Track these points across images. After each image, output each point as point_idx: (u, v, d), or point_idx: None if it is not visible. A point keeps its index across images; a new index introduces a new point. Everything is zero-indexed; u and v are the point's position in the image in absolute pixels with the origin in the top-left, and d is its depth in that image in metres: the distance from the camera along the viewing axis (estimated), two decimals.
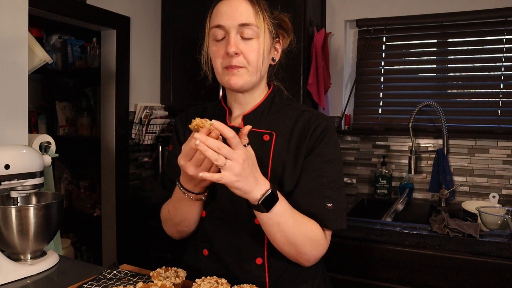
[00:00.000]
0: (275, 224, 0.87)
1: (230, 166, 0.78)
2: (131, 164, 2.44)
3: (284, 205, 0.89)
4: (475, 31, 2.18)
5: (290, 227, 0.89)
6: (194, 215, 1.01)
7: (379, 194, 2.32)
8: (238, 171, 0.79)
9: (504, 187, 2.14)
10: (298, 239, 0.90)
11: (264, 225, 0.89)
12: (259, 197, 0.83)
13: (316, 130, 0.98)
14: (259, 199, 0.83)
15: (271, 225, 0.88)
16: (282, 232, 0.88)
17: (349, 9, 2.42)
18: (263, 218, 0.87)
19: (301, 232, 0.90)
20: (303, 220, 0.92)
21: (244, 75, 0.96)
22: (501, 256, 1.51)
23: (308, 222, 0.93)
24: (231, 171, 0.79)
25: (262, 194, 0.84)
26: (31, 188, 1.15)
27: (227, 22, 0.94)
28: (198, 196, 0.94)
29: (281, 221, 0.88)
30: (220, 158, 0.77)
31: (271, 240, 0.92)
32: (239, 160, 0.79)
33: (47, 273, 1.10)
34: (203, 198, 0.96)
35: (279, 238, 0.90)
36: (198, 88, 2.41)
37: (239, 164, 0.79)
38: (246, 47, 0.95)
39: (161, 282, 0.87)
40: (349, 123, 2.47)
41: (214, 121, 0.80)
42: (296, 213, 0.92)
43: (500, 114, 2.14)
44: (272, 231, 0.89)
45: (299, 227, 0.90)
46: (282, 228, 0.88)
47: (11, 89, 1.36)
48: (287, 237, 0.89)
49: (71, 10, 2.02)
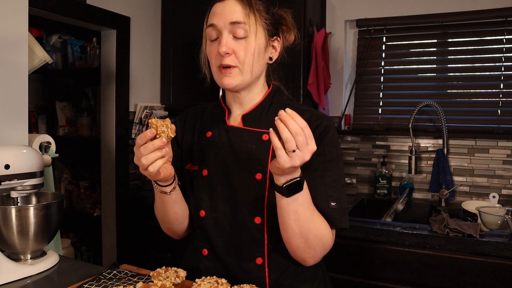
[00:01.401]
0: (293, 211, 0.87)
1: (296, 156, 0.77)
2: (131, 164, 2.43)
3: (306, 196, 0.89)
4: (475, 31, 2.18)
5: (306, 219, 0.89)
6: (179, 210, 1.03)
7: (379, 194, 2.32)
8: (298, 163, 0.78)
9: (504, 187, 2.14)
10: (311, 233, 0.90)
11: (281, 210, 0.88)
12: (284, 181, 0.83)
13: (317, 129, 0.98)
14: (284, 183, 0.83)
15: (288, 211, 0.87)
16: (298, 221, 0.88)
17: (349, 9, 2.42)
18: (283, 203, 0.87)
19: (314, 227, 0.91)
20: (319, 216, 0.93)
21: (237, 75, 0.97)
22: (501, 256, 1.51)
23: (322, 221, 0.93)
24: (293, 161, 0.77)
25: (287, 180, 0.83)
26: (31, 188, 1.15)
27: (218, 22, 0.96)
28: (163, 188, 0.96)
29: (300, 210, 0.87)
30: (293, 142, 0.76)
31: (283, 228, 0.91)
32: (307, 154, 0.78)
33: (47, 273, 1.10)
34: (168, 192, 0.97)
35: (293, 228, 0.89)
36: (198, 88, 2.41)
37: (306, 157, 0.78)
38: (238, 46, 0.96)
39: (161, 282, 0.87)
40: (349, 123, 2.47)
41: (287, 109, 0.80)
42: (314, 209, 0.92)
43: (500, 114, 2.14)
44: (288, 218, 0.88)
45: (313, 222, 0.90)
46: (298, 217, 0.88)
47: (11, 89, 1.36)
48: (301, 228, 0.89)
49: (71, 10, 2.02)
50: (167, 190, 0.97)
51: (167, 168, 0.92)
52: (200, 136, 1.07)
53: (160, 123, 0.86)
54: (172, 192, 0.98)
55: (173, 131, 0.87)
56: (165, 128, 0.86)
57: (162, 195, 0.99)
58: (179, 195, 1.02)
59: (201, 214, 1.03)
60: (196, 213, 1.04)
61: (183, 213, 1.06)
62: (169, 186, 0.97)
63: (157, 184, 0.97)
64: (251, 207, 0.98)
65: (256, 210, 0.97)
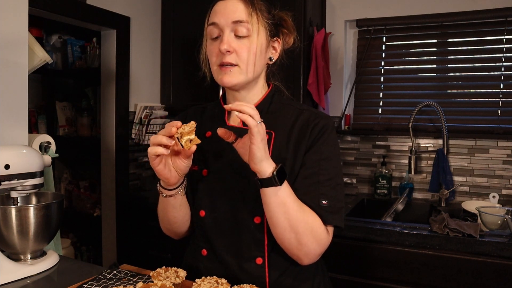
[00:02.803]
0: (281, 204, 0.88)
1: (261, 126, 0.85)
2: (131, 164, 2.43)
3: (290, 188, 0.91)
4: (475, 31, 2.18)
5: (295, 210, 0.89)
6: (178, 215, 1.04)
7: (379, 194, 2.32)
8: (263, 133, 0.85)
9: (504, 187, 2.14)
10: (300, 226, 0.90)
11: (269, 205, 0.89)
12: (272, 170, 0.86)
13: (315, 127, 0.99)
14: (272, 171, 0.86)
15: (277, 204, 0.88)
16: (286, 214, 0.89)
17: (349, 9, 2.42)
18: (270, 196, 0.88)
19: (304, 219, 0.91)
20: (306, 208, 0.93)
21: (237, 74, 0.97)
22: (501, 256, 1.51)
23: (310, 212, 0.93)
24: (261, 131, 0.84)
25: (274, 167, 0.87)
26: (31, 188, 1.15)
27: (220, 20, 0.96)
28: (162, 189, 0.98)
29: (288, 201, 0.88)
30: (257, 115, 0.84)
31: (273, 225, 0.91)
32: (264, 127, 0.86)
33: (47, 273, 1.10)
34: (163, 194, 0.99)
35: (282, 222, 0.89)
36: (198, 88, 2.41)
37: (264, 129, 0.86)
38: (239, 45, 0.96)
39: (161, 282, 0.87)
40: (349, 123, 2.47)
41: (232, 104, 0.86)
42: (300, 201, 0.93)
43: (500, 114, 2.14)
44: (277, 211, 0.89)
45: (302, 213, 0.91)
46: (286, 210, 0.88)
47: (11, 89, 1.36)
48: (290, 221, 0.89)
49: (71, 10, 2.02)
50: (163, 193, 0.99)
51: (171, 170, 0.93)
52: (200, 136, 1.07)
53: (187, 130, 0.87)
54: (169, 198, 0.99)
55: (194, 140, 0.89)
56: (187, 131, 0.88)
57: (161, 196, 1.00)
58: (179, 202, 1.02)
59: (201, 214, 1.03)
60: (196, 213, 1.04)
61: (182, 219, 1.06)
62: (168, 191, 0.98)
63: (159, 183, 0.98)
64: (250, 207, 0.98)
65: (255, 210, 0.97)
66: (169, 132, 0.87)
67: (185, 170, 0.95)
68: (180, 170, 0.94)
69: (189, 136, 0.87)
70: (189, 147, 0.88)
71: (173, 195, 0.98)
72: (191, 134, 0.87)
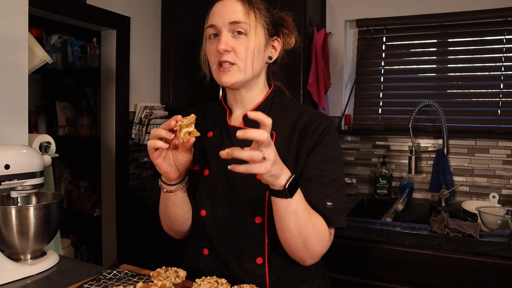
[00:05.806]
0: (293, 212, 0.87)
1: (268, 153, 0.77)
2: (131, 164, 2.43)
3: (301, 194, 0.89)
4: (475, 31, 2.18)
5: (305, 217, 0.89)
6: (179, 213, 1.04)
7: (379, 194, 2.32)
8: (273, 156, 0.78)
9: (504, 187, 2.14)
10: (309, 231, 0.90)
11: (280, 213, 0.88)
12: (284, 182, 0.83)
13: (317, 129, 0.99)
14: (284, 184, 0.83)
15: (288, 213, 0.87)
16: (297, 222, 0.88)
17: (349, 9, 2.42)
18: (282, 205, 0.86)
19: (312, 225, 0.90)
20: (314, 213, 0.93)
21: (235, 73, 0.97)
22: (501, 256, 1.51)
23: (318, 216, 0.93)
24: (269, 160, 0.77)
25: (287, 179, 0.83)
26: (31, 188, 1.15)
27: (218, 22, 0.97)
28: (162, 184, 0.98)
29: (299, 209, 0.87)
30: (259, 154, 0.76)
31: (282, 230, 0.91)
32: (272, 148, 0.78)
33: (47, 273, 1.10)
34: (164, 190, 0.99)
35: (292, 229, 0.89)
36: (198, 88, 2.41)
37: (273, 149, 0.79)
38: (237, 44, 0.96)
39: (161, 282, 0.87)
40: (349, 123, 2.47)
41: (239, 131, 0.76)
42: (310, 207, 0.92)
43: (500, 114, 2.14)
44: (287, 219, 0.88)
45: (311, 219, 0.90)
46: (297, 218, 0.88)
47: (11, 89, 1.36)
48: (299, 228, 0.89)
49: (71, 10, 2.02)
50: (163, 188, 0.99)
51: (171, 164, 0.93)
52: (201, 136, 1.08)
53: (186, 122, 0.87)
54: (170, 194, 0.99)
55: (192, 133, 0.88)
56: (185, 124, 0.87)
57: (162, 191, 1.00)
58: (180, 200, 1.02)
59: (201, 213, 1.03)
60: (197, 212, 1.05)
61: (183, 216, 1.06)
62: (169, 186, 0.98)
63: (160, 178, 0.99)
64: (251, 207, 0.98)
65: (256, 210, 0.97)
66: (169, 125, 0.87)
67: (185, 164, 0.95)
68: (180, 164, 0.94)
69: (188, 128, 0.87)
70: (188, 139, 0.87)
71: (174, 191, 0.98)
72: (190, 127, 0.87)
